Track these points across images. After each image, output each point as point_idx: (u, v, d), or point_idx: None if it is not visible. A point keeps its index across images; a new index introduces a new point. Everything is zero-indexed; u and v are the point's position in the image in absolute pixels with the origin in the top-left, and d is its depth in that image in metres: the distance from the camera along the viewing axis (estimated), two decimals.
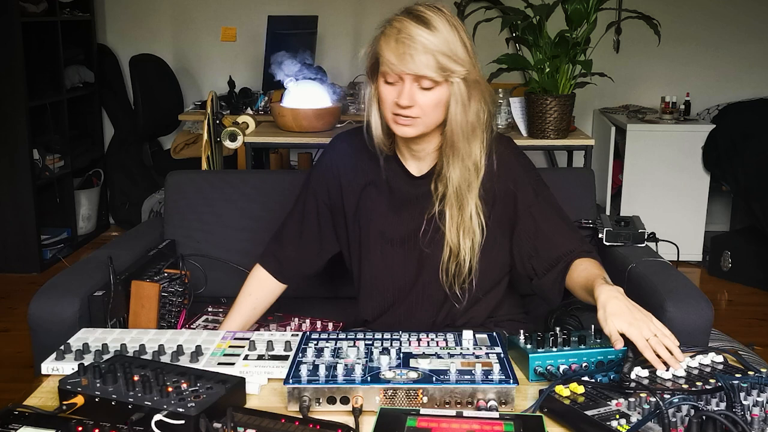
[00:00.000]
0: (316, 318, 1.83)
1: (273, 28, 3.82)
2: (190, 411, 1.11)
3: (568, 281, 1.56)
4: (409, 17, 1.45)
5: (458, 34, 1.46)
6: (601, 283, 1.41)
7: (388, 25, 1.47)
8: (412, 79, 1.45)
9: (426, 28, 1.43)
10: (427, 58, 1.43)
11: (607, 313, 1.32)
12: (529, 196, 1.61)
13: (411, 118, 1.49)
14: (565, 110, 3.07)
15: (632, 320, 1.30)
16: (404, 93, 1.46)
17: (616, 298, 1.35)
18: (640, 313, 1.32)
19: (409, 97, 1.46)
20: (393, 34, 1.45)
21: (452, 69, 1.45)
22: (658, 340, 1.28)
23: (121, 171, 4.79)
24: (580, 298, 1.54)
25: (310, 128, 3.12)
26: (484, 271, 1.63)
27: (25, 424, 1.13)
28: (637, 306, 1.34)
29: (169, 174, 2.27)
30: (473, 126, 1.52)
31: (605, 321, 1.32)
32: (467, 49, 1.48)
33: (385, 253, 1.65)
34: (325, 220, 1.72)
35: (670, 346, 1.28)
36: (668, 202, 4.16)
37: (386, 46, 1.45)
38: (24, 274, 4.04)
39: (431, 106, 1.48)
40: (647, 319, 1.31)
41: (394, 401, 1.20)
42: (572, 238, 1.61)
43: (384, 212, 1.64)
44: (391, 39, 1.44)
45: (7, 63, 3.90)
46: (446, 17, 1.47)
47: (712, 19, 4.61)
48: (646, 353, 1.27)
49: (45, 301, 1.72)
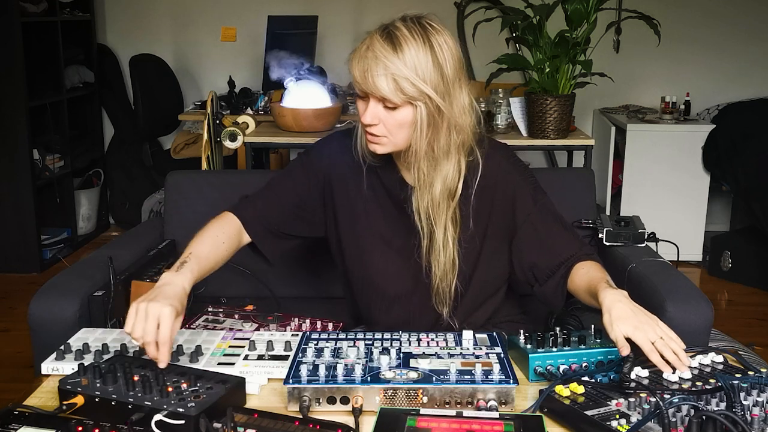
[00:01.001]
0: (316, 318, 1.83)
1: (273, 28, 3.82)
2: (190, 411, 1.11)
3: (571, 285, 1.55)
4: (382, 35, 1.41)
5: (432, 56, 1.40)
6: (605, 286, 1.40)
7: (363, 41, 1.45)
8: (376, 98, 1.43)
9: (393, 48, 1.39)
10: (386, 80, 1.39)
11: (612, 318, 1.31)
12: (527, 204, 1.59)
13: (377, 137, 1.46)
14: (565, 110, 3.07)
15: (638, 324, 1.29)
16: (368, 111, 1.44)
17: (621, 302, 1.34)
18: (645, 317, 1.32)
19: (372, 116, 1.44)
20: (361, 51, 1.43)
21: (411, 93, 1.39)
22: (664, 342, 1.28)
23: (121, 171, 4.79)
24: (583, 302, 1.53)
25: (310, 128, 3.11)
26: (483, 280, 1.62)
27: (25, 424, 1.13)
28: (642, 309, 1.34)
29: (169, 174, 2.27)
30: (443, 150, 1.46)
31: (611, 326, 1.31)
32: (441, 72, 1.41)
33: (380, 257, 1.63)
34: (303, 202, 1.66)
35: (676, 349, 1.27)
36: (668, 202, 4.16)
37: (354, 62, 1.43)
38: (24, 274, 4.04)
39: (395, 125, 1.44)
40: (653, 323, 1.31)
41: (394, 401, 1.20)
42: (572, 242, 1.60)
43: (383, 219, 1.62)
44: (359, 56, 1.43)
45: (7, 63, 3.90)
46: (425, 35, 1.40)
47: (712, 19, 4.61)
48: (652, 357, 1.26)
49: (45, 301, 1.72)
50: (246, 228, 1.62)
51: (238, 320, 1.82)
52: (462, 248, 1.56)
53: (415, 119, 1.43)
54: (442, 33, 1.43)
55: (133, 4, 4.77)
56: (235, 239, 1.59)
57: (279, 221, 1.64)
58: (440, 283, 1.56)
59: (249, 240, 1.63)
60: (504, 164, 1.59)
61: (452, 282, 1.56)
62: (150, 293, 1.33)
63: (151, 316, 1.27)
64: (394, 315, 1.65)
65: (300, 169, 1.66)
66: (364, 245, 1.64)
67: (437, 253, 1.53)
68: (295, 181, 1.65)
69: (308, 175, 1.65)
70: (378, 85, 1.40)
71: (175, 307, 1.30)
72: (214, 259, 1.50)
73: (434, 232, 1.52)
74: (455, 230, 1.53)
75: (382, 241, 1.63)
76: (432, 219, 1.51)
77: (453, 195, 1.51)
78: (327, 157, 1.65)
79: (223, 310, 1.90)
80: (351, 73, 1.44)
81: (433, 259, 1.54)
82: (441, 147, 1.46)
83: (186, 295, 1.37)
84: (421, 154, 1.46)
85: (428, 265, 1.56)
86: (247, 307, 1.91)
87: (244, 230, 1.62)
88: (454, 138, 1.47)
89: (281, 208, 1.64)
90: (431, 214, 1.51)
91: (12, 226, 4.06)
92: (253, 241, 1.63)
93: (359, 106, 1.47)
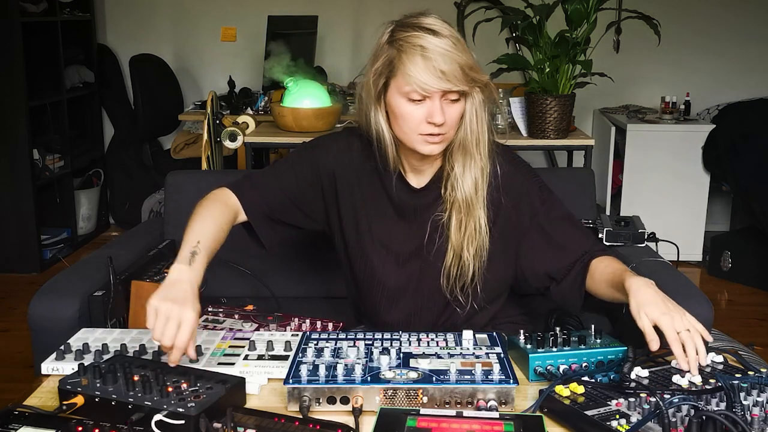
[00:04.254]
0: (316, 318, 1.83)
1: (273, 28, 3.82)
2: (190, 411, 1.11)
3: (590, 282, 1.53)
4: (423, 31, 1.41)
5: (464, 41, 1.44)
6: (630, 275, 1.39)
7: (405, 42, 1.41)
8: (440, 94, 1.42)
9: (446, 40, 1.40)
10: (457, 71, 1.39)
11: (639, 303, 1.30)
12: (534, 205, 1.59)
13: (441, 135, 1.46)
14: (565, 110, 3.07)
15: (666, 310, 1.29)
16: (436, 111, 1.42)
17: (649, 287, 1.33)
18: (674, 305, 1.31)
19: (442, 114, 1.42)
20: (416, 51, 1.39)
21: (476, 78, 1.43)
22: (690, 336, 1.27)
23: (121, 171, 4.79)
24: (605, 298, 1.51)
25: (310, 128, 3.12)
26: (486, 283, 1.61)
27: (25, 424, 1.13)
28: (670, 299, 1.33)
29: (169, 174, 2.27)
30: (485, 133, 1.50)
31: (638, 313, 1.30)
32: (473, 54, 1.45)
33: (385, 261, 1.62)
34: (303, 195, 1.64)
35: (699, 346, 1.26)
36: (668, 202, 4.16)
37: (412, 64, 1.40)
38: (24, 274, 4.04)
39: (457, 119, 1.46)
40: (681, 312, 1.30)
41: (394, 401, 1.20)
42: (584, 239, 1.59)
43: (388, 222, 1.61)
44: (416, 56, 1.39)
45: (7, 63, 3.90)
46: (448, 25, 1.44)
47: (712, 19, 4.61)
48: (674, 346, 1.26)
49: (45, 301, 1.72)
50: (246, 210, 1.59)
51: (238, 320, 1.82)
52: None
53: (472, 107, 1.46)
54: None
55: (133, 4, 4.77)
56: (230, 222, 1.55)
57: (278, 208, 1.62)
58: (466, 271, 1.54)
59: (242, 221, 1.60)
60: (506, 166, 1.58)
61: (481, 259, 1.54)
62: (171, 290, 1.31)
63: (172, 319, 1.26)
64: (396, 316, 1.64)
65: (305, 163, 1.64)
66: (367, 247, 1.63)
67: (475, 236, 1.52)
68: (298, 174, 1.63)
69: (312, 170, 1.62)
70: (453, 78, 1.39)
71: (197, 310, 1.30)
72: (217, 245, 1.47)
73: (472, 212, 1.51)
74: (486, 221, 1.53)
75: (383, 244, 1.62)
76: (472, 201, 1.51)
77: (485, 176, 1.53)
78: (334, 155, 1.62)
79: (223, 310, 1.90)
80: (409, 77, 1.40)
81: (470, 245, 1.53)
82: (486, 127, 1.50)
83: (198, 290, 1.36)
84: (473, 137, 1.48)
85: (441, 267, 1.55)
86: (247, 307, 1.91)
87: (242, 211, 1.59)
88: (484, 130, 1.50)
89: (282, 196, 1.62)
90: (473, 198, 1.51)
91: (12, 226, 4.06)
92: (250, 224, 1.61)
93: (410, 110, 1.44)
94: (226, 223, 1.52)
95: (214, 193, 1.58)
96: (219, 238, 1.48)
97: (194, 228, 1.45)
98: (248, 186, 1.61)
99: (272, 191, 1.61)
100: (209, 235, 1.45)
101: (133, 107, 4.51)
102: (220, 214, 1.52)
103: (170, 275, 1.35)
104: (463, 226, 1.53)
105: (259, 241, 1.63)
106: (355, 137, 1.61)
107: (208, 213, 1.51)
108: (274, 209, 1.62)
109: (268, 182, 1.62)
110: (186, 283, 1.33)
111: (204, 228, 1.46)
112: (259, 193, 1.61)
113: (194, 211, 1.51)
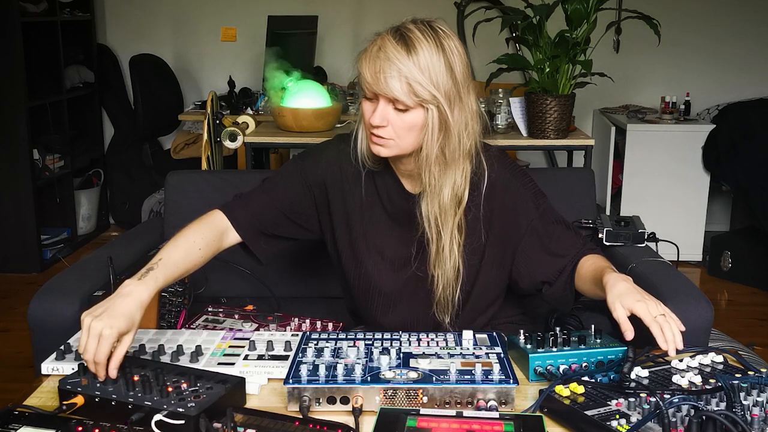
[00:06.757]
0: (316, 318, 1.83)
1: (273, 28, 3.82)
2: (190, 411, 1.11)
3: (577, 281, 1.55)
4: (394, 36, 1.40)
5: (444, 58, 1.40)
6: (609, 271, 1.42)
7: (373, 41, 1.43)
8: (387, 99, 1.41)
9: (406, 50, 1.38)
10: (399, 82, 1.38)
11: (614, 295, 1.33)
12: (530, 210, 1.59)
13: (384, 139, 1.45)
14: (565, 110, 3.07)
15: (641, 298, 1.32)
16: (377, 112, 1.42)
17: (625, 281, 1.37)
18: (649, 296, 1.34)
19: (381, 117, 1.42)
20: (373, 52, 1.41)
21: (424, 96, 1.39)
22: (665, 319, 1.29)
23: (121, 171, 4.79)
24: (590, 295, 1.54)
25: (310, 128, 3.12)
26: (484, 288, 1.62)
27: (25, 424, 1.13)
28: (646, 292, 1.36)
29: (169, 174, 2.27)
30: (453, 156, 1.45)
31: (613, 304, 1.32)
32: (453, 74, 1.41)
33: (380, 267, 1.62)
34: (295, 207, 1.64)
35: (675, 329, 1.29)
36: (668, 202, 4.16)
37: (365, 62, 1.42)
38: (24, 274, 4.04)
39: (404, 128, 1.43)
40: (656, 301, 1.33)
41: (394, 401, 1.20)
42: (575, 241, 1.60)
43: (382, 227, 1.61)
44: (370, 56, 1.41)
45: (7, 63, 3.90)
46: (437, 39, 1.40)
47: (712, 19, 4.61)
48: (652, 327, 1.28)
49: (45, 301, 1.72)
50: (237, 230, 1.60)
51: (238, 320, 1.82)
52: (465, 256, 1.55)
53: (425, 123, 1.42)
54: (452, 37, 1.44)
55: (133, 4, 4.77)
56: (214, 245, 1.54)
57: (271, 223, 1.63)
58: (443, 292, 1.55)
59: (235, 242, 1.61)
60: (502, 172, 1.57)
61: (455, 290, 1.55)
62: (102, 305, 1.29)
63: (92, 335, 1.24)
64: (393, 320, 1.64)
65: (294, 176, 1.64)
66: (361, 254, 1.63)
67: (443, 260, 1.52)
68: (289, 187, 1.63)
69: (302, 182, 1.63)
70: (391, 86, 1.38)
71: (118, 328, 1.25)
72: (184, 267, 1.46)
73: (441, 238, 1.50)
74: (461, 237, 1.52)
75: (377, 250, 1.62)
76: (439, 225, 1.49)
77: (460, 202, 1.50)
78: (324, 165, 1.62)
79: (223, 310, 1.90)
80: (360, 72, 1.43)
81: (438, 267, 1.53)
82: (451, 152, 1.45)
83: (143, 307, 1.32)
84: (432, 158, 1.45)
85: (430, 274, 1.55)
86: (247, 307, 1.91)
87: (234, 231, 1.60)
88: (463, 143, 1.46)
89: (274, 210, 1.62)
90: (439, 220, 1.49)
91: (12, 226, 4.06)
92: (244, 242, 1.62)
93: (365, 107, 1.46)
94: (206, 244, 1.52)
95: (203, 216, 1.59)
96: (187, 262, 1.47)
97: (165, 248, 1.47)
98: (238, 205, 1.62)
99: (263, 207, 1.62)
100: (175, 255, 1.45)
101: (133, 107, 4.51)
102: (199, 236, 1.52)
103: (119, 289, 1.33)
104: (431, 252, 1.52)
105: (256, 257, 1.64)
106: (345, 144, 1.61)
107: (184, 235, 1.51)
108: (267, 224, 1.63)
109: (259, 198, 1.63)
110: (123, 299, 1.30)
111: (173, 249, 1.46)
112: (251, 210, 1.61)
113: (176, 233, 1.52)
